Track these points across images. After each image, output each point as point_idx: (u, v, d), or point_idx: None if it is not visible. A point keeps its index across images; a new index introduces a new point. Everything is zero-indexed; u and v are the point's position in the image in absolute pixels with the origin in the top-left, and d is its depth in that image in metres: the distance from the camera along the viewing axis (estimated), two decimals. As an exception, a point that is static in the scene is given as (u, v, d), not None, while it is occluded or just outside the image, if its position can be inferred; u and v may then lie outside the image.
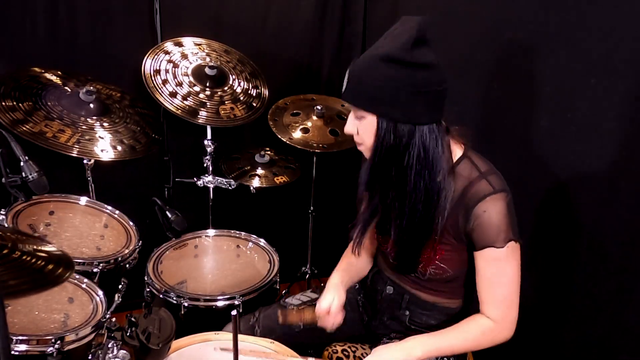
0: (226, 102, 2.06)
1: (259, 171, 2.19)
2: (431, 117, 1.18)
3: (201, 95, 2.03)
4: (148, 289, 1.79)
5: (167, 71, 2.01)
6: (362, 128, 1.23)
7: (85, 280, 1.51)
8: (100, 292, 1.49)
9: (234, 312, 1.03)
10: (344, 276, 1.46)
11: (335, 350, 1.46)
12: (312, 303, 1.51)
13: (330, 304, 1.36)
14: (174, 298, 1.71)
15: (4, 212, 1.53)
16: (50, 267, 0.92)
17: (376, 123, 1.19)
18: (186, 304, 1.70)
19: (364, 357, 1.44)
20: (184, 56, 2.08)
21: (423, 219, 1.24)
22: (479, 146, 1.31)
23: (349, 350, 1.45)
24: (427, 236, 1.26)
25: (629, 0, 1.31)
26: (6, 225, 1.49)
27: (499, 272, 1.23)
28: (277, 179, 2.17)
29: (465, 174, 1.23)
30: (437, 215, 1.23)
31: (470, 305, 1.45)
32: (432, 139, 1.19)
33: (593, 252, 1.48)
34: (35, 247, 0.95)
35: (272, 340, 1.34)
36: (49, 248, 0.98)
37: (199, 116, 1.97)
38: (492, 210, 1.18)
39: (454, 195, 1.22)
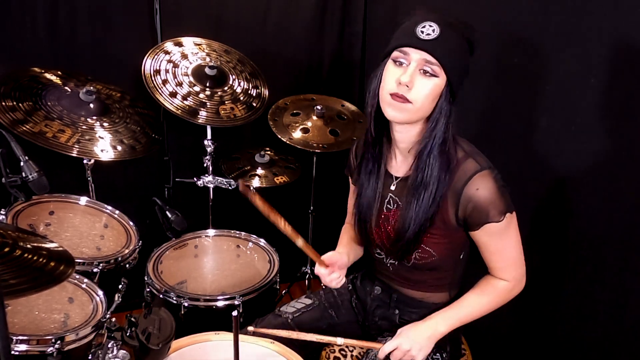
0: (226, 102, 2.06)
1: (259, 171, 2.19)
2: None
3: (201, 95, 2.03)
4: (148, 289, 1.79)
5: (167, 71, 2.01)
6: (424, 86, 1.17)
7: (85, 280, 1.51)
8: (100, 292, 1.49)
9: (234, 313, 1.04)
10: (349, 247, 1.50)
11: (332, 350, 1.45)
12: (307, 309, 1.51)
13: (330, 257, 1.35)
14: (174, 298, 1.71)
15: (4, 212, 1.53)
16: (51, 264, 0.92)
17: (442, 88, 1.19)
18: (186, 304, 1.70)
19: (361, 356, 1.44)
20: (184, 56, 2.08)
21: (434, 197, 1.24)
22: (478, 146, 1.31)
23: (346, 349, 1.45)
24: (431, 217, 1.26)
25: (629, 1, 1.31)
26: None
27: (501, 242, 1.27)
28: (277, 179, 2.17)
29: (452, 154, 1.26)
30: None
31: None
32: (453, 122, 1.23)
33: (593, 252, 1.48)
34: (36, 244, 0.95)
35: (273, 341, 1.34)
36: (49, 245, 0.98)
37: (199, 116, 1.97)
38: (484, 187, 1.20)
39: None
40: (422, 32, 1.16)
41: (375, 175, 1.36)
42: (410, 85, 1.16)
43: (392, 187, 1.35)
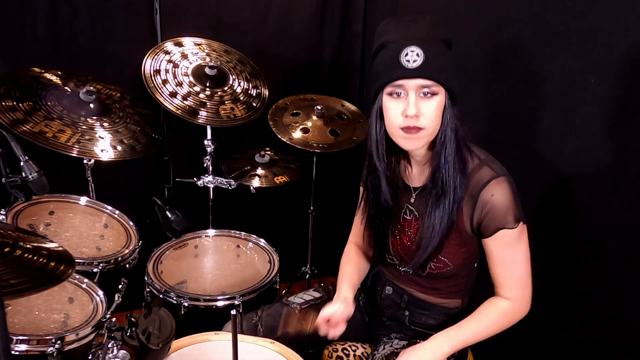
0: (226, 102, 2.06)
1: (259, 171, 2.19)
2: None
3: (201, 95, 2.03)
4: (148, 289, 1.79)
5: (167, 71, 2.01)
6: (429, 108, 1.17)
7: (85, 280, 1.51)
8: (100, 292, 1.49)
9: (233, 312, 1.04)
10: (354, 286, 1.45)
11: (335, 349, 1.45)
12: (315, 302, 1.51)
13: (332, 313, 1.33)
14: (174, 298, 1.71)
15: (4, 212, 1.53)
16: (51, 264, 0.92)
17: (444, 102, 1.19)
18: (186, 304, 1.70)
19: (364, 356, 1.44)
20: (184, 56, 2.08)
21: (451, 208, 1.24)
22: (479, 146, 1.31)
23: (349, 349, 1.45)
24: (451, 226, 1.26)
25: (629, 1, 1.31)
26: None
27: (512, 253, 1.25)
28: (277, 179, 2.17)
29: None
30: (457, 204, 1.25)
31: (470, 306, 1.45)
32: (460, 124, 1.23)
33: (593, 252, 1.48)
34: (36, 244, 0.95)
35: (273, 341, 1.34)
36: (49, 245, 0.98)
37: (199, 116, 1.97)
38: (499, 193, 1.20)
39: None
40: (409, 60, 1.15)
41: (391, 188, 1.34)
42: (418, 114, 1.17)
43: (412, 199, 1.34)
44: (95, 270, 1.56)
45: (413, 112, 1.16)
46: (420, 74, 1.15)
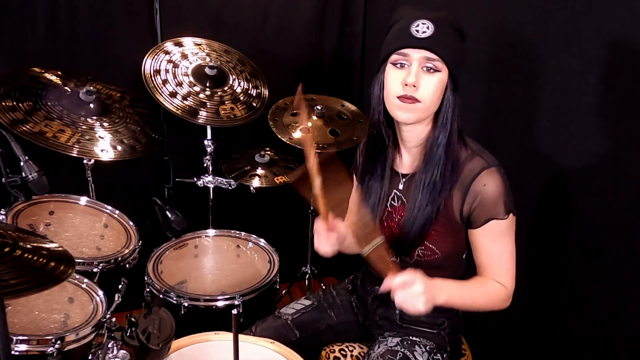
0: (226, 102, 2.06)
1: (259, 171, 2.19)
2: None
3: (201, 95, 2.03)
4: (148, 289, 1.79)
5: (167, 71, 2.01)
6: (429, 83, 1.18)
7: (85, 280, 1.51)
8: (100, 292, 1.49)
9: (234, 312, 1.04)
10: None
11: (332, 350, 1.46)
12: (307, 310, 1.51)
13: (336, 223, 1.30)
14: (174, 298, 1.71)
15: (4, 212, 1.53)
16: (51, 264, 0.92)
17: (445, 82, 1.20)
18: (186, 304, 1.70)
19: (362, 356, 1.44)
20: (184, 56, 2.08)
21: (440, 192, 1.25)
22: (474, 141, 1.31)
23: (346, 350, 1.45)
24: (437, 213, 1.26)
25: (629, 1, 1.32)
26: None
27: (500, 245, 1.25)
28: (277, 179, 2.17)
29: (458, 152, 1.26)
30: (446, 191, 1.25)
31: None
32: (458, 113, 1.23)
33: (593, 252, 1.48)
34: (36, 244, 0.95)
35: (273, 341, 1.34)
36: (49, 245, 0.98)
37: (199, 116, 1.97)
38: (491, 183, 1.21)
39: None
40: (418, 30, 1.17)
41: (381, 175, 1.36)
42: (417, 85, 1.18)
43: (400, 186, 1.35)
44: (95, 270, 1.56)
45: (413, 80, 1.17)
46: (426, 45, 1.17)
